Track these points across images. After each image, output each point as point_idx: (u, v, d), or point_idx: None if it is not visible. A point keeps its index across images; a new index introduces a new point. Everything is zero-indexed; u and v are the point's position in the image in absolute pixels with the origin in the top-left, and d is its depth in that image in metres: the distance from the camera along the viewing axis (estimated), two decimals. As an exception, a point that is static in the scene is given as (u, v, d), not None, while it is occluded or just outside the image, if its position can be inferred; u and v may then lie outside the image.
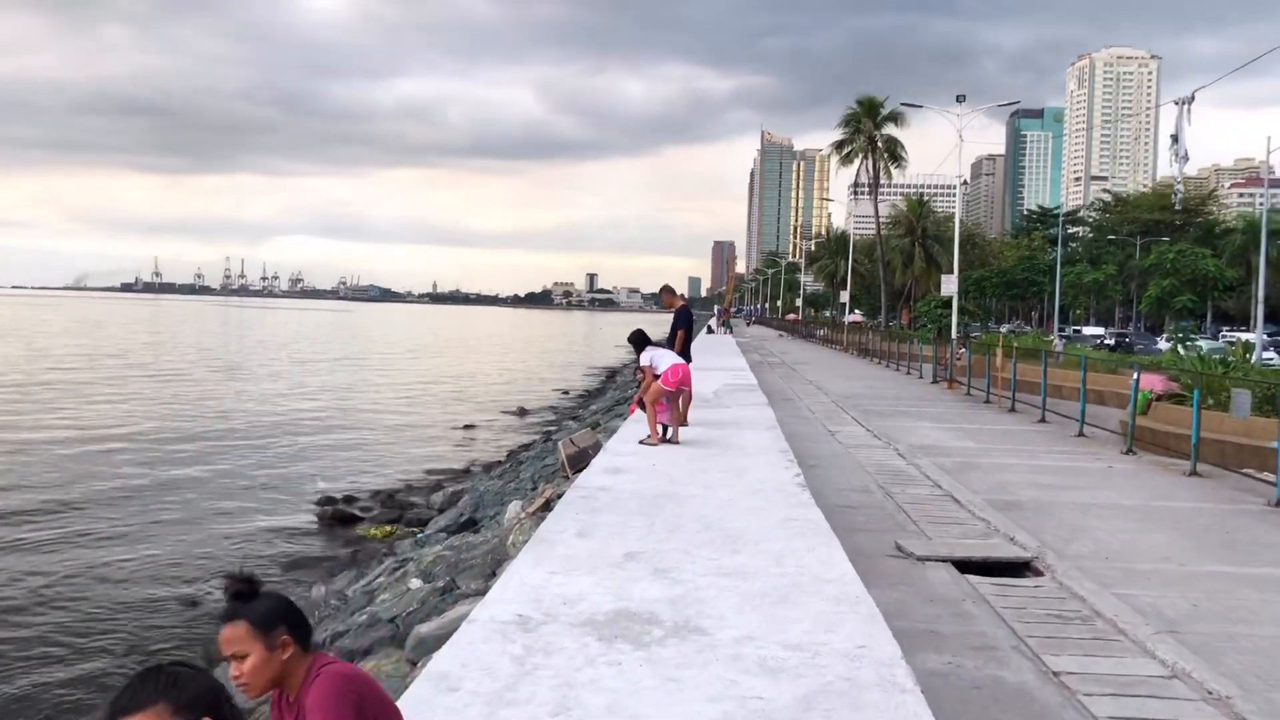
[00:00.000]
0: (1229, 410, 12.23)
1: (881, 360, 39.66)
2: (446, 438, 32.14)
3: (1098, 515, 10.12)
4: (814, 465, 12.82)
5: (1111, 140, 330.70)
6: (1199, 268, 40.20)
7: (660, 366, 12.15)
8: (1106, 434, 17.21)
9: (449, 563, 10.61)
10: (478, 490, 19.52)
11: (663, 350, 12.18)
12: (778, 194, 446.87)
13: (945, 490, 11.39)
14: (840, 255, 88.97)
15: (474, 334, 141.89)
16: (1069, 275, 77.90)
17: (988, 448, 15.26)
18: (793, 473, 8.73)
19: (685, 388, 12.29)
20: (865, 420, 18.47)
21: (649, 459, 9.39)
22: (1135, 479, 12.51)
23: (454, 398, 46.08)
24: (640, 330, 12.87)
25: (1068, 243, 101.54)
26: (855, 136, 55.47)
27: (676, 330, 14.16)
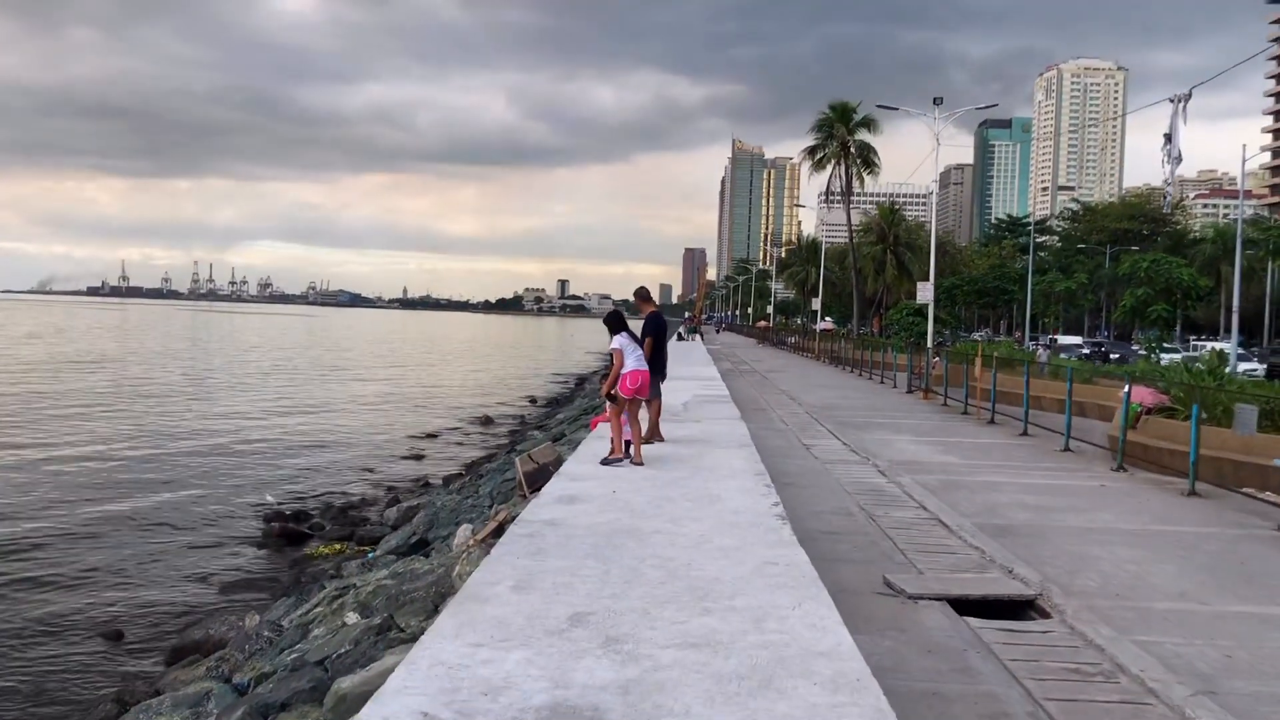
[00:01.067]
0: (1232, 426, 11.47)
1: (854, 369, 38.93)
2: (408, 448, 31.04)
3: (1099, 542, 9.30)
4: (789, 484, 11.94)
5: (1079, 150, 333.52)
6: (1173, 277, 39.78)
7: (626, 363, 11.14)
8: (1093, 449, 16.45)
9: (389, 595, 9.62)
10: (434, 506, 18.51)
11: (634, 345, 11.05)
12: (748, 202, 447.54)
13: (931, 513, 10.54)
14: (811, 262, 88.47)
15: (443, 340, 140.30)
16: (1040, 284, 77.75)
17: (971, 464, 14.45)
18: (770, 501, 7.79)
19: (644, 397, 11.28)
20: (841, 433, 17.63)
21: (609, 483, 8.43)
22: (1132, 499, 11.71)
23: (419, 405, 44.96)
24: (619, 311, 11.74)
25: (1037, 251, 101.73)
26: (828, 142, 54.82)
27: (644, 338, 13.09)
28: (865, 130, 54.40)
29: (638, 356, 11.19)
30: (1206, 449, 13.72)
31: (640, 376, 11.15)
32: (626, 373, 11.02)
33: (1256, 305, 74.16)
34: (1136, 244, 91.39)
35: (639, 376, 11.05)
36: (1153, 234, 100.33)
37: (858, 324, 59.17)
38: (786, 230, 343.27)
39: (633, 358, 11.22)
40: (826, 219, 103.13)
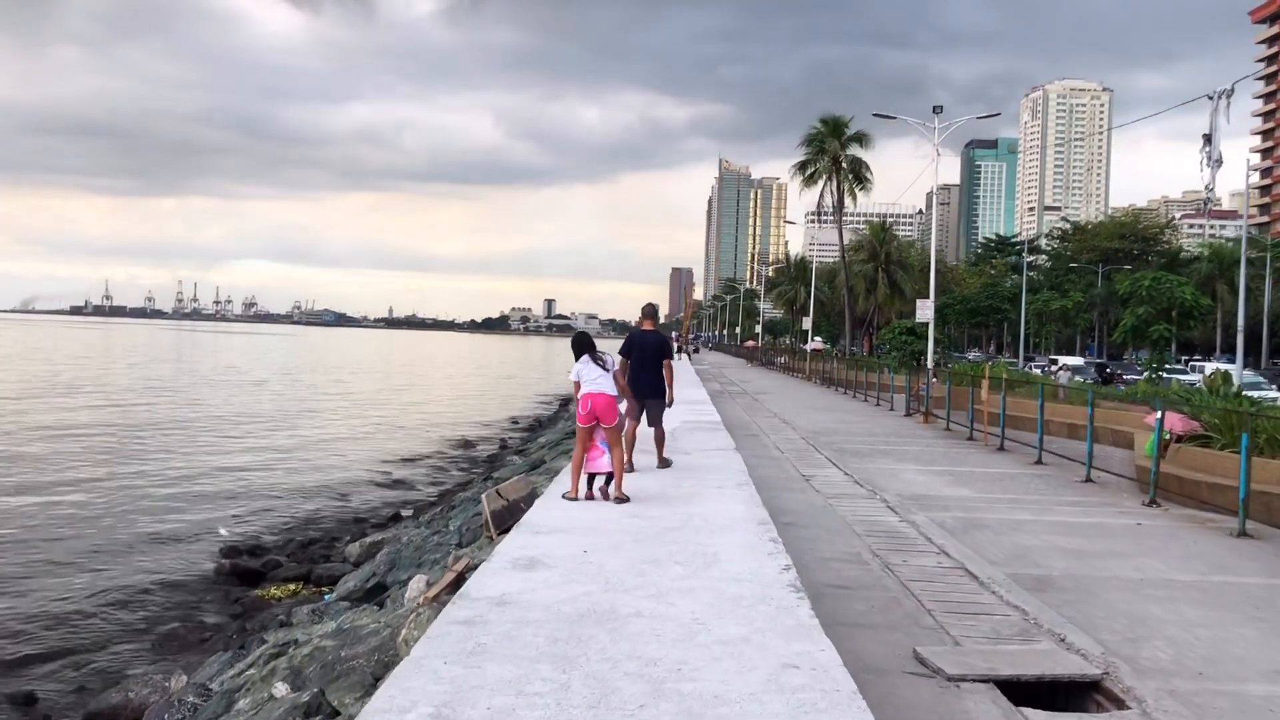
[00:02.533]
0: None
1: (847, 390, 37.64)
2: (382, 473, 29.55)
3: (1155, 598, 7.96)
4: (790, 525, 10.58)
5: (1065, 170, 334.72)
6: (1174, 296, 38.69)
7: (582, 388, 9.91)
8: (1116, 479, 15.15)
9: (326, 661, 8.20)
10: (399, 542, 17.05)
11: (595, 369, 9.91)
12: (735, 221, 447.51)
13: (955, 560, 9.18)
14: (800, 281, 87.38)
15: (427, 359, 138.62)
16: (1035, 303, 76.75)
17: (988, 498, 13.11)
18: (779, 563, 6.39)
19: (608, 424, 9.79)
20: (842, 461, 16.29)
21: (581, 537, 6.99)
22: (1176, 542, 10.37)
23: (398, 427, 43.47)
24: (583, 334, 10.63)
25: (1027, 271, 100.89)
26: (819, 157, 53.60)
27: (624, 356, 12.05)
28: (857, 145, 53.29)
29: (595, 379, 9.90)
30: (1252, 483, 12.44)
31: (594, 401, 9.79)
32: (580, 397, 9.94)
33: (1253, 324, 73.25)
34: (1128, 263, 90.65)
35: (590, 401, 9.78)
36: (1143, 253, 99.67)
37: (849, 343, 57.92)
38: (773, 250, 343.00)
39: (589, 382, 9.94)
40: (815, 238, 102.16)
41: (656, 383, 12.02)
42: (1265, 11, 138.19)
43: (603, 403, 9.74)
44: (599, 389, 9.78)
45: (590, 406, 9.71)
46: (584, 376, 9.89)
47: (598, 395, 9.76)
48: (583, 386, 9.86)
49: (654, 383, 11.99)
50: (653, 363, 12.00)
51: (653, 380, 11.97)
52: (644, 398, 11.98)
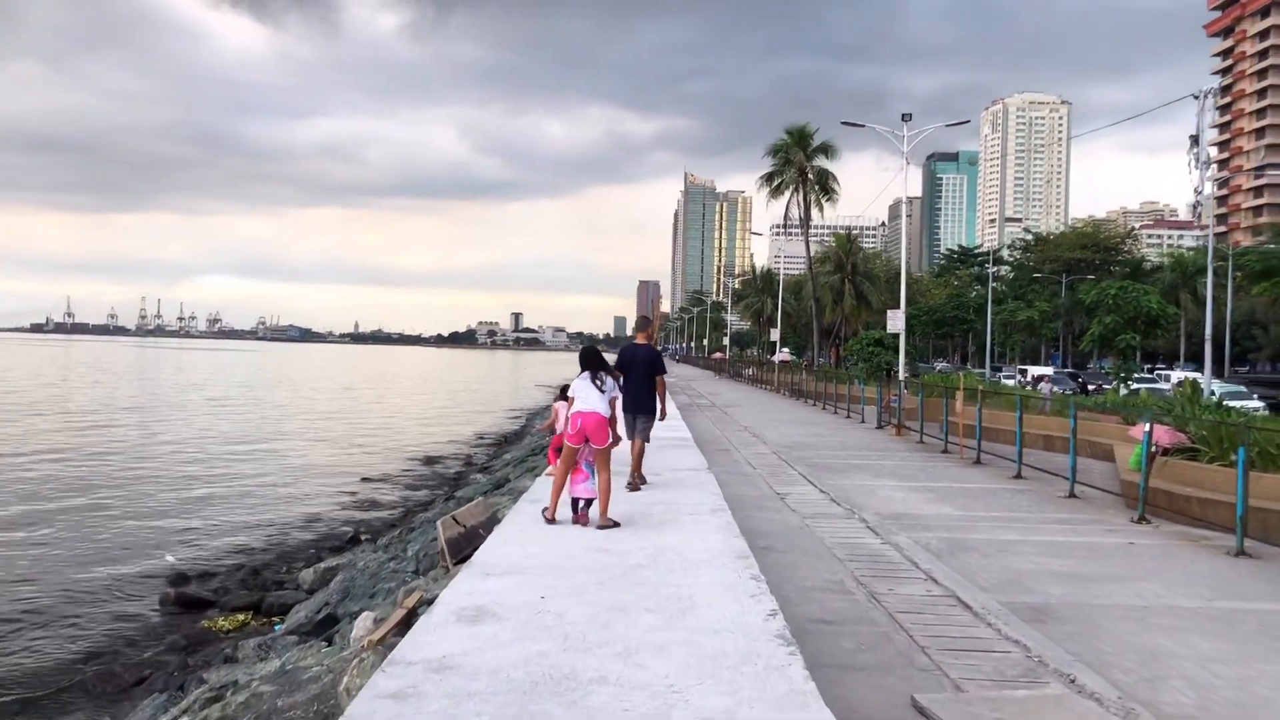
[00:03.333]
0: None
1: (816, 402, 37.17)
2: (340, 492, 28.63)
3: (1164, 628, 7.38)
4: (767, 549, 9.94)
5: (1025, 182, 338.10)
6: (1141, 304, 38.47)
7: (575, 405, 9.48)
8: (1099, 494, 14.66)
9: (260, 712, 7.42)
10: (355, 567, 16.25)
11: (590, 388, 9.45)
12: (701, 234, 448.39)
13: (945, 587, 8.57)
14: (767, 293, 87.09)
15: (393, 374, 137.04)
16: (1001, 313, 76.84)
17: (971, 516, 12.54)
18: (764, 608, 5.70)
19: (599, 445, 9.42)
20: (816, 478, 15.69)
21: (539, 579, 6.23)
22: (1173, 562, 9.83)
23: (361, 444, 42.45)
24: (591, 347, 10.06)
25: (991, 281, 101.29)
26: (785, 168, 53.22)
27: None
28: (823, 156, 52.96)
29: (589, 398, 9.44)
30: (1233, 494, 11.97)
31: (585, 420, 9.38)
32: (571, 414, 9.51)
33: (1214, 332, 73.70)
34: (1090, 273, 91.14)
35: (580, 420, 9.36)
36: (1105, 263, 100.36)
37: (816, 355, 57.52)
38: (739, 262, 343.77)
39: (582, 400, 9.47)
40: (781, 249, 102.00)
41: (648, 397, 11.73)
42: (1219, 25, 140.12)
43: (594, 423, 9.34)
44: (592, 408, 9.38)
45: (581, 425, 9.31)
46: (578, 394, 9.49)
47: (589, 414, 9.35)
48: (575, 404, 9.46)
49: (646, 398, 11.70)
50: (644, 377, 11.68)
51: (644, 395, 11.68)
52: (635, 413, 11.69)
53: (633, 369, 11.71)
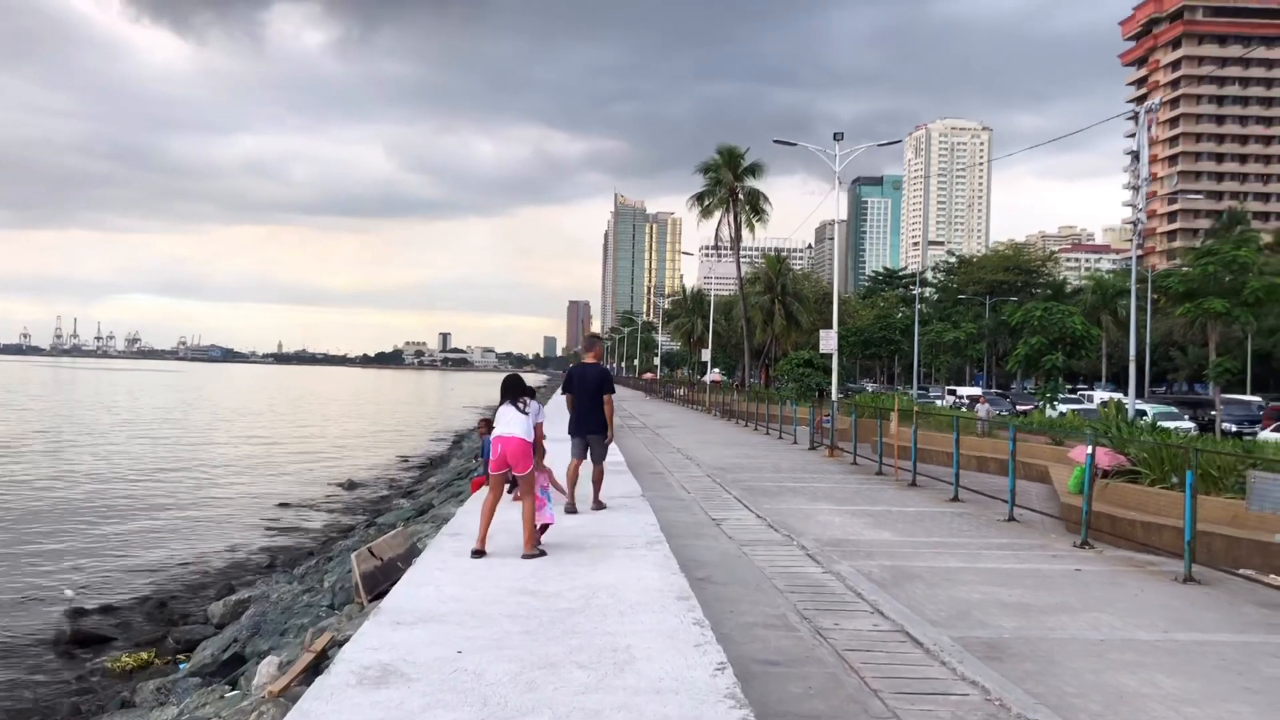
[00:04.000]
0: (1247, 499, 9.37)
1: (748, 423, 36.87)
2: (257, 518, 27.46)
3: (1123, 664, 6.99)
4: (705, 579, 9.42)
5: (947, 206, 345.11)
6: (1065, 325, 38.93)
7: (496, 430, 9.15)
8: (1038, 517, 14.43)
9: (145, 774, 6.66)
10: (268, 600, 15.37)
11: (511, 411, 9.15)
12: (631, 255, 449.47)
13: (893, 621, 8.11)
14: (697, 313, 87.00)
15: (316, 395, 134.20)
16: (928, 334, 77.66)
17: (912, 541, 12.15)
18: (711, 660, 5.11)
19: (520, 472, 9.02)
20: (752, 502, 15.23)
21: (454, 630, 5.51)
22: (1122, 591, 9.51)
23: (279, 467, 41.06)
24: (514, 376, 9.63)
25: (917, 302, 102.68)
26: (716, 188, 53.10)
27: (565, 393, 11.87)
28: (753, 176, 52.98)
29: (509, 422, 9.05)
30: (1177, 518, 11.76)
31: (504, 445, 8.98)
32: (492, 439, 9.20)
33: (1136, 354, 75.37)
34: (1012, 295, 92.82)
35: (500, 445, 8.99)
36: (1026, 285, 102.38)
37: (747, 375, 57.37)
38: (669, 283, 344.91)
39: (502, 425, 9.09)
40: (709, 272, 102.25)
41: (597, 418, 11.48)
42: (1134, 55, 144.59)
43: (514, 447, 8.97)
44: (510, 433, 9.03)
45: (501, 451, 8.99)
46: (499, 418, 9.20)
47: (508, 439, 9.01)
48: (496, 428, 9.17)
49: (595, 418, 11.47)
50: (594, 397, 11.45)
51: (594, 415, 11.46)
52: (586, 433, 11.52)
53: (582, 388, 11.49)
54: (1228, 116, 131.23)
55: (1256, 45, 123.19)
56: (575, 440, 11.71)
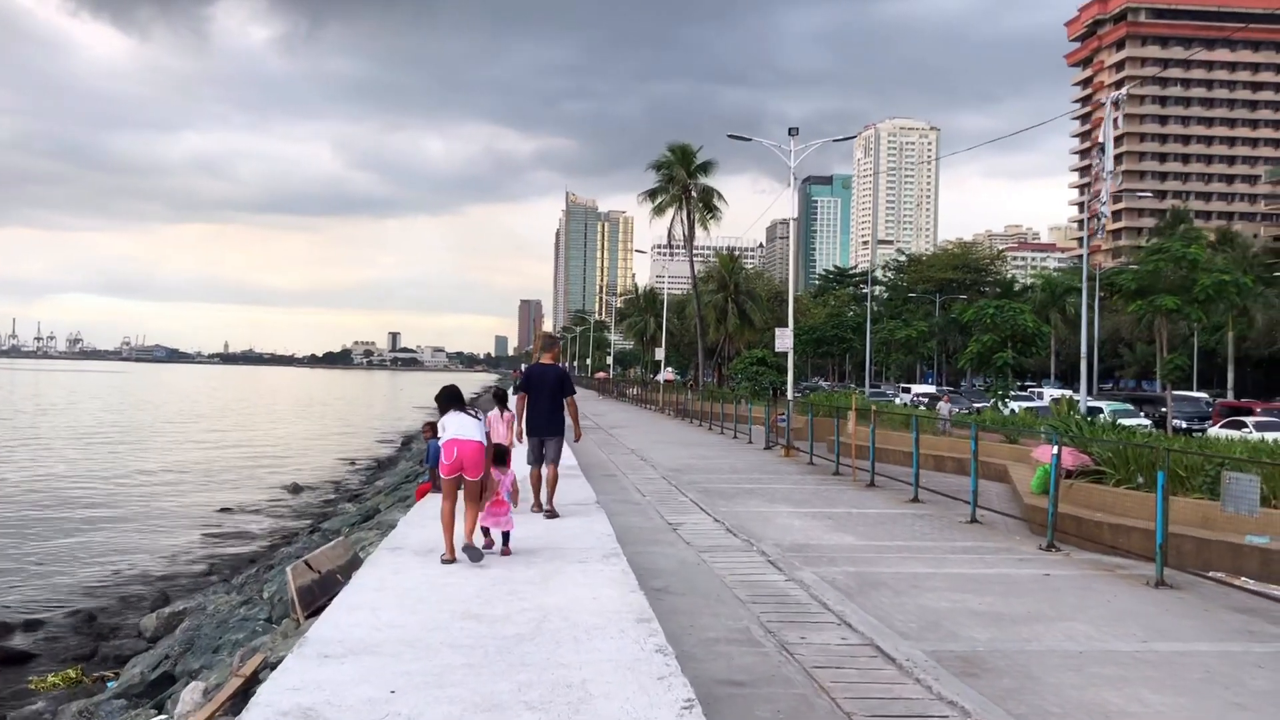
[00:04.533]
0: (1221, 501, 9.08)
1: (702, 422, 36.50)
2: (199, 525, 26.54)
3: (1106, 679, 6.62)
4: (663, 590, 8.96)
5: (896, 206, 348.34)
6: (1018, 323, 39.04)
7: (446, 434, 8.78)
8: (1001, 518, 14.15)
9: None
10: (204, 612, 14.67)
11: (463, 419, 8.87)
12: (583, 254, 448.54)
13: (862, 634, 7.69)
14: (650, 312, 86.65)
15: (264, 396, 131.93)
16: (880, 332, 77.94)
17: (875, 545, 11.77)
18: (678, 697, 4.58)
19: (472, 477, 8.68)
20: (709, 504, 14.79)
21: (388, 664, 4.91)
22: (1095, 596, 9.18)
23: (222, 471, 39.96)
24: (451, 386, 9.36)
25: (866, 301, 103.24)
26: (669, 185, 52.66)
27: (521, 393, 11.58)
28: (705, 174, 52.62)
29: (461, 424, 8.73)
30: (1146, 521, 11.50)
31: (460, 449, 8.61)
32: (444, 443, 8.83)
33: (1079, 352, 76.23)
34: (962, 293, 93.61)
35: (456, 449, 8.60)
36: (975, 283, 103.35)
37: (701, 374, 57.06)
38: (621, 282, 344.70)
39: (456, 428, 8.74)
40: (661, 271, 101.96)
41: (557, 420, 11.32)
42: (1079, 56, 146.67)
43: (470, 451, 8.69)
44: (469, 436, 8.74)
45: (457, 455, 8.64)
46: (450, 423, 8.84)
47: (465, 443, 8.69)
48: (448, 432, 8.78)
49: (555, 420, 11.30)
50: (553, 398, 11.27)
51: (554, 416, 11.28)
52: (543, 435, 11.31)
53: (540, 390, 11.27)
54: (1170, 117, 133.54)
55: (1197, 47, 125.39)
56: (532, 441, 11.45)
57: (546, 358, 11.73)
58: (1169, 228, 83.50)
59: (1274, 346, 63.69)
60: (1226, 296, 35.73)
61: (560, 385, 11.36)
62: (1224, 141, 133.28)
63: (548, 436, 11.38)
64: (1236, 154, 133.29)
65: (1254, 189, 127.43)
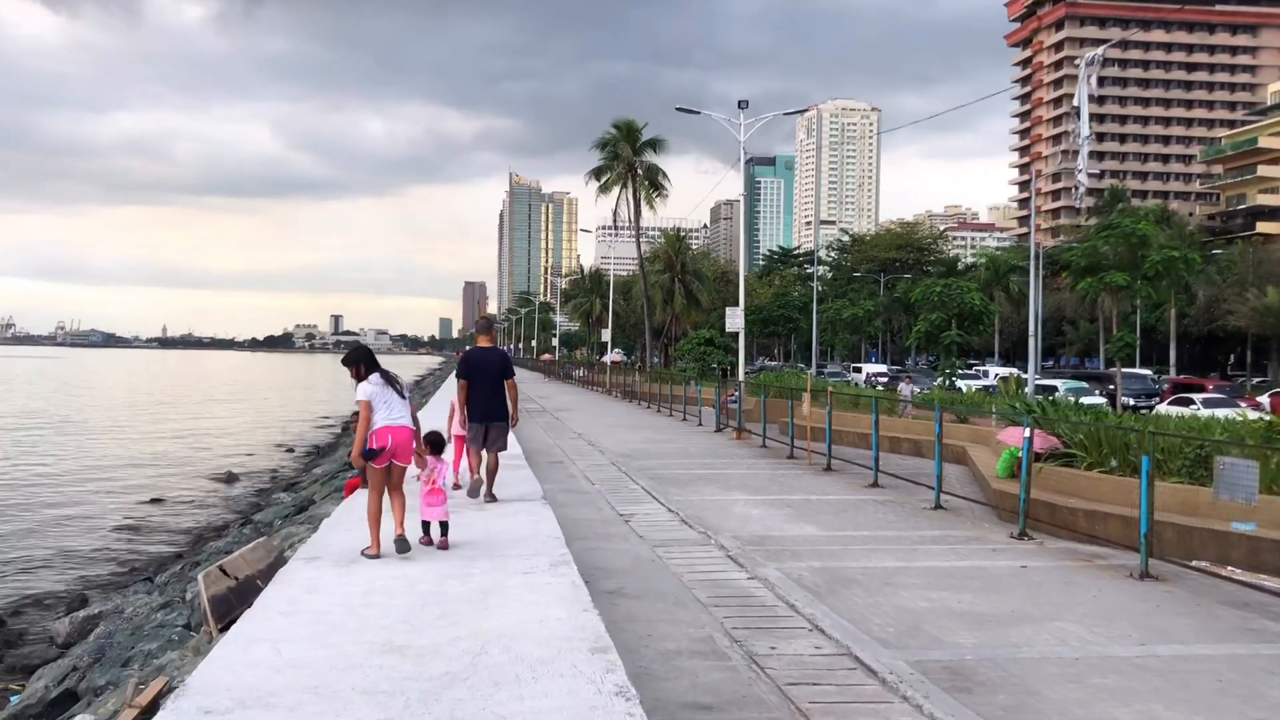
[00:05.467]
0: (1214, 488, 8.47)
1: (651, 404, 35.76)
2: (125, 518, 25.22)
3: (1110, 691, 5.98)
4: (616, 592, 8.21)
5: (838, 186, 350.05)
6: (965, 301, 38.90)
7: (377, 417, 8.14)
8: (964, 503, 13.58)
9: None
10: (121, 615, 13.65)
11: (392, 396, 8.23)
12: (528, 235, 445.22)
13: (837, 641, 6.98)
14: (596, 293, 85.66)
15: (202, 379, 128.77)
16: (827, 311, 77.75)
17: (839, 536, 11.10)
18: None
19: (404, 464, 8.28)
20: (662, 493, 14.06)
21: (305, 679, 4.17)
22: (1078, 591, 8.58)
23: (152, 460, 38.40)
24: (363, 347, 8.76)
25: (811, 281, 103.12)
26: (614, 163, 51.63)
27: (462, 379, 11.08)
28: (652, 151, 51.70)
29: (391, 407, 8.21)
30: (1119, 507, 10.96)
31: (395, 436, 8.15)
32: (376, 431, 8.13)
33: (1021, 331, 76.71)
34: (906, 272, 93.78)
35: (389, 435, 8.12)
36: (918, 262, 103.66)
37: (649, 355, 56.27)
38: (566, 263, 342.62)
39: (384, 410, 8.18)
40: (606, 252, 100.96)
41: (500, 405, 10.92)
42: (1019, 36, 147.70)
43: (404, 438, 8.20)
44: (402, 421, 8.20)
45: (391, 444, 8.08)
46: (377, 401, 8.12)
47: (400, 429, 8.16)
48: (378, 418, 8.09)
49: (498, 405, 10.90)
50: (496, 383, 10.89)
51: (496, 402, 10.89)
52: (486, 422, 10.86)
53: (482, 375, 10.87)
54: (1108, 97, 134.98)
55: (1134, 28, 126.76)
56: (474, 428, 10.92)
57: (484, 340, 11.34)
58: (1108, 207, 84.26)
59: (1213, 324, 64.51)
60: (1176, 272, 35.75)
61: (502, 369, 10.97)
62: (1159, 122, 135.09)
63: (491, 422, 10.93)
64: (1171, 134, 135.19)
65: (1189, 169, 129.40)
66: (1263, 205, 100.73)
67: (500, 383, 10.94)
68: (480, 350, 11.15)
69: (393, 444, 8.08)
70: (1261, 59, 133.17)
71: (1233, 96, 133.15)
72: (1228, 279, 61.25)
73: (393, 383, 8.29)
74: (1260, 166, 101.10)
